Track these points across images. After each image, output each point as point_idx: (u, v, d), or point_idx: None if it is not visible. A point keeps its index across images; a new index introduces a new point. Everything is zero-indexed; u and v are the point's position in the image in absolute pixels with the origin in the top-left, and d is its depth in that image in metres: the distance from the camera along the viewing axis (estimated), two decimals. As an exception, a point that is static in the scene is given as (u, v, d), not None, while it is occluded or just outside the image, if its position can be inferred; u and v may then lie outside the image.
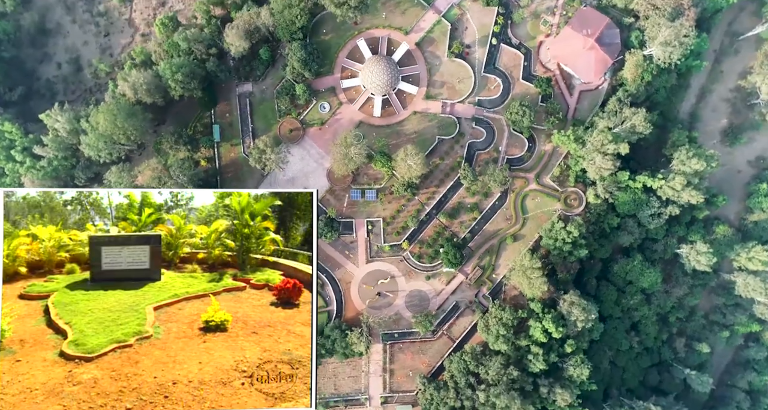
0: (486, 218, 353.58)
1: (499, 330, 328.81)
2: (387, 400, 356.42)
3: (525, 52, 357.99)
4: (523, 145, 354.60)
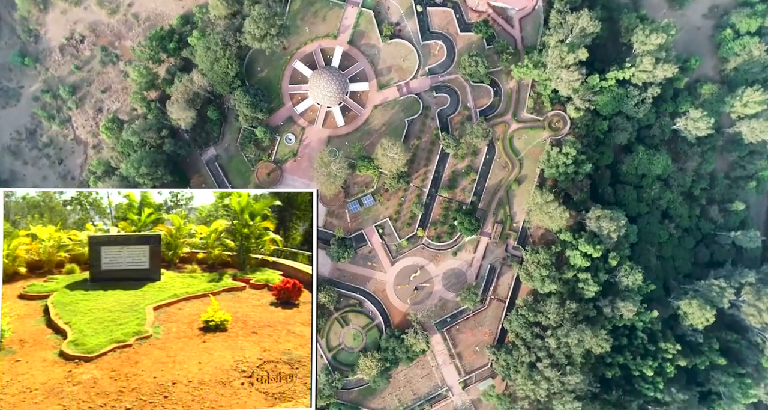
0: (484, 175, 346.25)
1: (541, 273, 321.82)
2: (466, 383, 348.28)
3: (453, 5, 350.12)
4: (489, 92, 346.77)
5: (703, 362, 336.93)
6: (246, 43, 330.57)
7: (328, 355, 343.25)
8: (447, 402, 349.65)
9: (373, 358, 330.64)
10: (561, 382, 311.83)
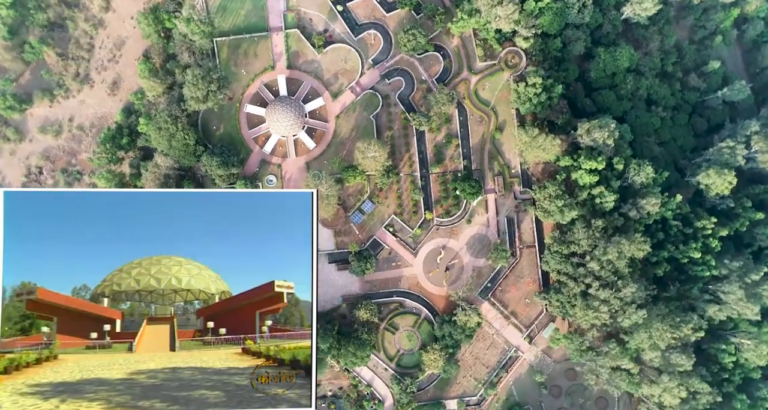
0: (465, 137, 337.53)
1: (556, 205, 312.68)
2: (530, 337, 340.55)
3: None
4: (437, 58, 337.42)
5: (743, 223, 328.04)
6: (193, 109, 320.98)
7: (391, 365, 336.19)
8: (520, 362, 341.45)
9: (434, 350, 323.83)
10: (618, 299, 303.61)
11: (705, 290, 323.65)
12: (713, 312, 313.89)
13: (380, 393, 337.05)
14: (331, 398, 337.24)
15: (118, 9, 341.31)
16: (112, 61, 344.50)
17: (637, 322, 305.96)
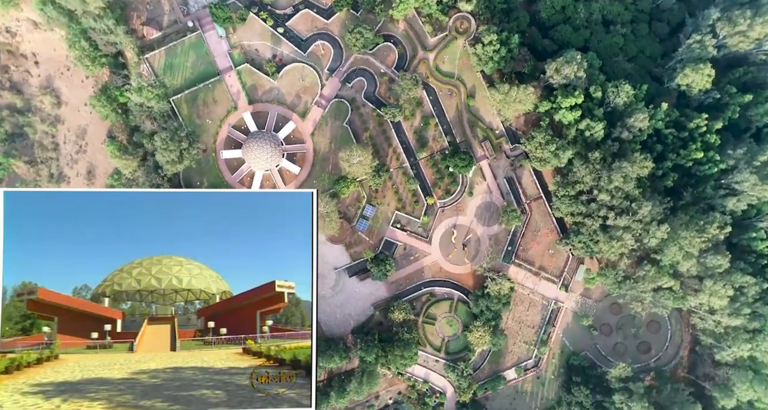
0: (441, 114, 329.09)
1: (549, 150, 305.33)
2: (565, 285, 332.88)
3: (302, 4, 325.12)
4: (390, 48, 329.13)
5: (734, 110, 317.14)
6: (172, 172, 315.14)
7: (440, 355, 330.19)
8: (563, 313, 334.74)
9: (477, 328, 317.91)
10: (638, 221, 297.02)
11: (718, 186, 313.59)
12: (733, 204, 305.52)
13: (439, 385, 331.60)
14: (393, 405, 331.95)
15: (70, 101, 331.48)
16: (80, 152, 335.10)
17: (663, 238, 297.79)
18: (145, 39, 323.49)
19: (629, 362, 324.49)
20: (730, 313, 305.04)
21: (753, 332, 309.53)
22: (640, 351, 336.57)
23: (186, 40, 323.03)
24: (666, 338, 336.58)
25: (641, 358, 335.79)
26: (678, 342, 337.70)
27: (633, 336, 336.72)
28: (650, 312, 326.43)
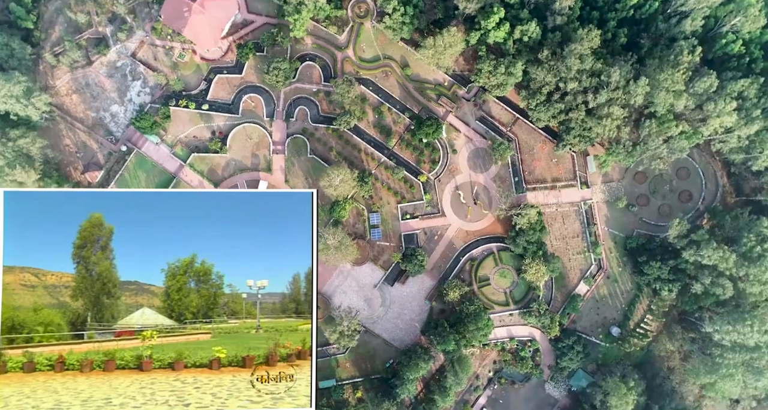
0: (388, 98, 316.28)
1: (501, 73, 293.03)
2: (584, 183, 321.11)
3: (209, 72, 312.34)
4: (310, 67, 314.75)
5: None
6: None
7: (511, 308, 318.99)
8: (597, 207, 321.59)
9: (529, 265, 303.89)
10: (616, 89, 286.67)
11: (667, 17, 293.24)
12: (690, 25, 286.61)
13: (524, 335, 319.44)
14: (495, 375, 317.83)
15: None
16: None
17: (646, 90, 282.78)
18: (92, 184, 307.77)
19: (681, 216, 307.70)
20: (745, 122, 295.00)
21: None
22: (683, 200, 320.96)
23: (129, 164, 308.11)
24: (700, 177, 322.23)
25: (688, 207, 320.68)
26: (712, 174, 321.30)
27: (669, 191, 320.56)
28: (672, 162, 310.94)
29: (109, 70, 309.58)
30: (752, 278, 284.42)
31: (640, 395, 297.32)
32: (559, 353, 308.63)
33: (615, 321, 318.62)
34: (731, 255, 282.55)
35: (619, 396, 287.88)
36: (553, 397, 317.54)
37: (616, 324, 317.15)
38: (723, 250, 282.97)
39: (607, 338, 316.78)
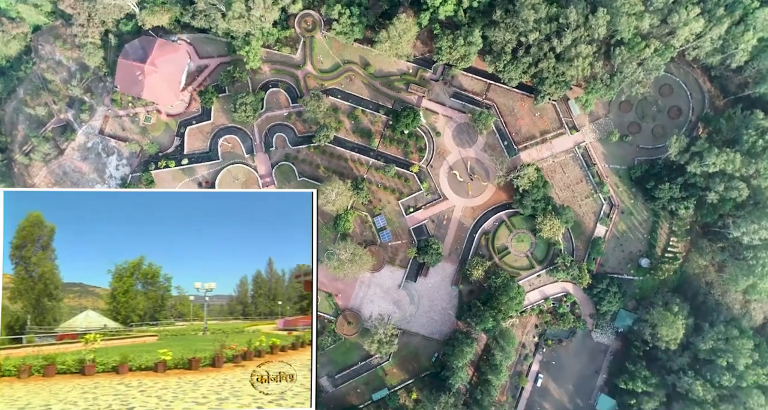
0: (358, 100, 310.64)
1: (461, 46, 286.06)
2: (572, 127, 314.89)
3: (178, 128, 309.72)
4: (275, 93, 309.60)
5: None
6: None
7: (536, 270, 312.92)
8: (591, 147, 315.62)
9: (542, 223, 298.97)
10: (577, 28, 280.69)
11: None
12: None
13: (558, 291, 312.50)
14: (541, 339, 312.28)
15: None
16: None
17: (607, 19, 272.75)
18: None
19: (676, 132, 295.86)
20: (713, 23, 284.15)
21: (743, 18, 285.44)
22: (674, 116, 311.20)
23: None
24: (683, 89, 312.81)
25: (680, 122, 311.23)
26: (694, 83, 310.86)
27: (658, 112, 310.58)
28: (653, 83, 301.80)
29: (82, 154, 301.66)
30: (763, 172, 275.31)
31: (687, 317, 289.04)
32: (596, 299, 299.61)
33: (641, 252, 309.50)
34: (735, 155, 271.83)
35: (667, 324, 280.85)
36: (602, 344, 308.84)
37: (644, 255, 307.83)
38: (726, 153, 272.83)
39: (639, 271, 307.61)
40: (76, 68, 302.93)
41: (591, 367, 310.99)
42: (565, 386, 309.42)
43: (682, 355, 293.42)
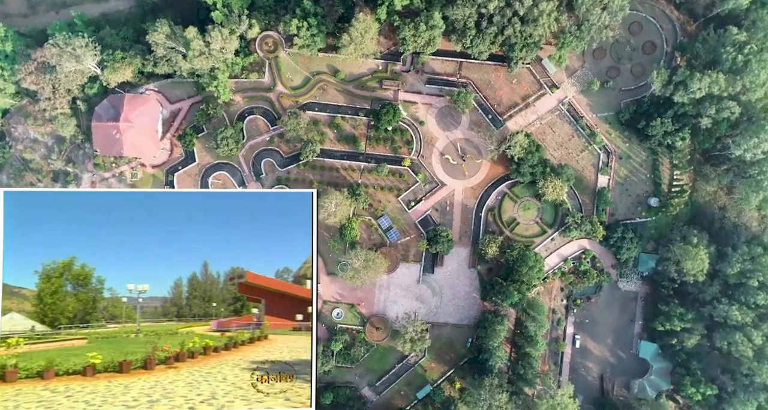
0: (336, 109, 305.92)
1: (424, 30, 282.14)
2: (552, 86, 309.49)
3: (165, 176, 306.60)
4: (253, 121, 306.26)
5: None
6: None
7: (549, 233, 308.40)
8: (575, 101, 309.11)
9: (543, 187, 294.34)
10: None
11: None
12: None
13: (575, 250, 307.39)
14: (569, 301, 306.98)
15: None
16: None
17: None
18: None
19: (655, 67, 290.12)
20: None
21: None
22: (649, 52, 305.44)
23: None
24: (652, 23, 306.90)
25: (656, 56, 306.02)
26: (662, 14, 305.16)
27: (632, 51, 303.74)
28: (621, 24, 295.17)
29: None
30: (750, 86, 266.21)
31: (708, 246, 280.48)
32: (615, 249, 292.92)
33: (648, 193, 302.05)
34: (719, 76, 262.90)
35: (690, 257, 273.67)
36: (631, 292, 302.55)
37: (651, 195, 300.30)
38: (709, 75, 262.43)
39: (650, 211, 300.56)
40: (53, 142, 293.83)
41: (625, 317, 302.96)
42: (603, 341, 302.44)
43: (711, 284, 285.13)
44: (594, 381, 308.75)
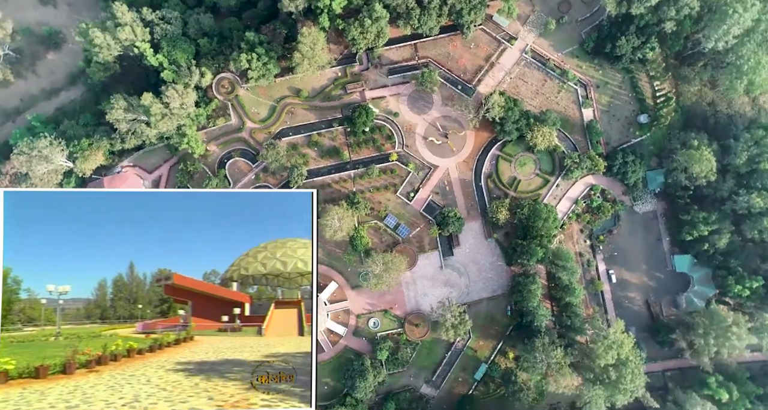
0: (309, 127, 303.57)
1: (372, 26, 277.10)
2: (510, 38, 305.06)
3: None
4: (233, 165, 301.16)
5: None
6: None
7: (558, 180, 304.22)
8: (538, 46, 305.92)
9: (532, 137, 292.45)
10: None
11: None
12: None
13: (582, 188, 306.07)
14: (593, 240, 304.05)
15: None
16: None
17: None
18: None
19: None
20: None
21: None
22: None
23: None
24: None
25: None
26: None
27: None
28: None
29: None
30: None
31: (710, 145, 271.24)
32: (620, 176, 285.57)
33: (635, 111, 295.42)
34: None
35: (696, 160, 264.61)
36: (649, 212, 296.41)
37: (639, 113, 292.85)
38: None
39: (643, 129, 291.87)
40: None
41: (651, 238, 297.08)
42: (638, 268, 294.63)
43: (725, 181, 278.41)
44: (641, 309, 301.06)
